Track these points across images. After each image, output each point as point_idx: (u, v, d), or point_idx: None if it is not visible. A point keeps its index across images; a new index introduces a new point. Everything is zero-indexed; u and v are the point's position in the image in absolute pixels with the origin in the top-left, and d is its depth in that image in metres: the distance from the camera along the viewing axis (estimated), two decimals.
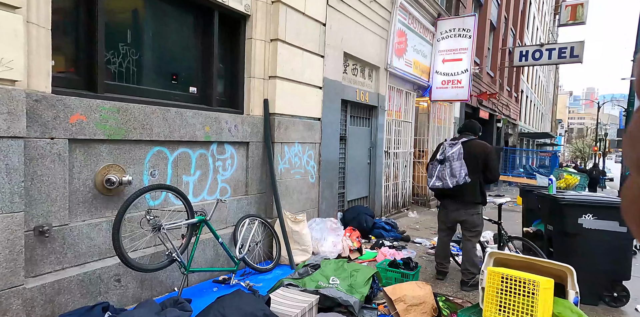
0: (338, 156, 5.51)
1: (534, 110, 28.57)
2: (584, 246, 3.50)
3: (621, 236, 3.42)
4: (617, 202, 3.52)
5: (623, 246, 3.45)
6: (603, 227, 3.44)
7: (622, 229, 3.41)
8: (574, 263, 3.56)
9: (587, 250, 3.49)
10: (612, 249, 3.44)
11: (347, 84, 5.68)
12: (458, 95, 7.93)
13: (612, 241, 3.43)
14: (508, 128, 18.31)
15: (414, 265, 3.67)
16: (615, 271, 3.47)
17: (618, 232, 3.42)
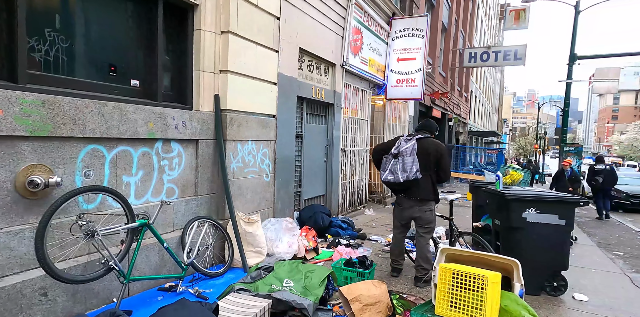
0: (294, 154, 5.40)
1: (482, 110, 30.18)
2: (527, 239, 3.67)
3: (560, 229, 3.62)
4: (557, 197, 3.73)
5: (561, 238, 3.66)
6: (544, 221, 3.62)
7: (560, 221, 3.62)
8: (519, 256, 3.71)
9: (531, 243, 3.66)
10: (552, 241, 3.64)
11: (302, 80, 5.58)
12: (412, 94, 8.11)
13: (552, 233, 3.63)
14: (459, 127, 19.17)
15: (369, 263, 3.66)
16: (555, 261, 3.67)
17: (557, 224, 3.62)
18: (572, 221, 3.66)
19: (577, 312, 3.35)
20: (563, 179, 8.75)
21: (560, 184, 8.65)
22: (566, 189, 8.12)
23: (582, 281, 4.16)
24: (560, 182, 8.73)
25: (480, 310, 2.31)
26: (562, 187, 8.43)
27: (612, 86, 14.47)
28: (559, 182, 8.81)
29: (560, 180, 8.81)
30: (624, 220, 9.50)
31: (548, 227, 3.63)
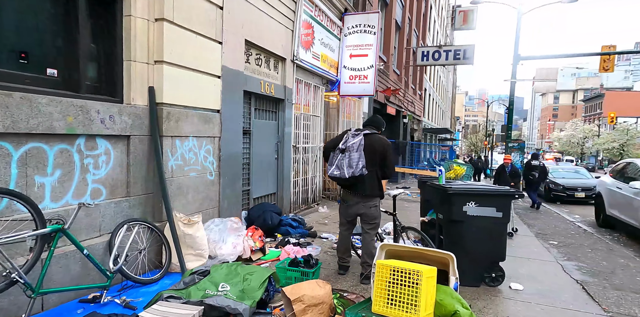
0: (241, 151, 5.19)
1: (436, 108, 31.32)
2: (468, 231, 3.75)
3: (497, 221, 3.74)
4: (495, 190, 3.84)
5: (499, 230, 3.78)
6: (483, 214, 3.72)
7: (498, 214, 3.73)
8: (460, 248, 3.80)
9: (471, 235, 3.75)
10: (490, 233, 3.75)
11: (250, 74, 5.37)
12: (365, 90, 8.14)
13: (491, 225, 3.74)
14: (413, 124, 19.70)
15: (314, 262, 3.57)
16: (493, 253, 3.78)
17: (495, 217, 3.73)
18: (508, 213, 3.79)
19: (513, 301, 3.46)
20: (504, 174, 9.22)
21: (502, 180, 9.08)
22: (508, 184, 8.48)
23: (519, 271, 4.34)
24: (502, 178, 9.16)
25: (414, 306, 2.29)
26: (504, 182, 8.83)
27: (551, 86, 15.56)
28: (501, 177, 9.26)
29: (502, 175, 9.27)
30: (560, 211, 10.20)
31: (487, 220, 3.73)
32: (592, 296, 3.67)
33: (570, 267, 4.62)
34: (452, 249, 3.85)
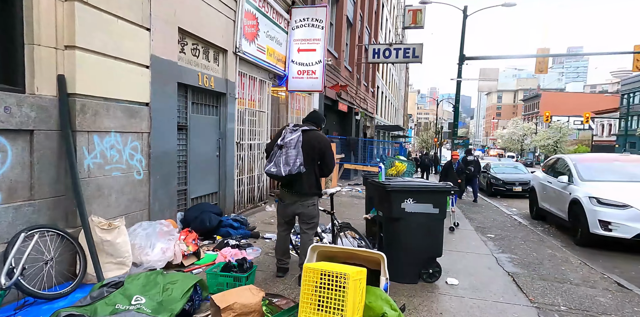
0: (176, 148, 4.83)
1: (389, 105, 32.06)
2: (406, 228, 3.73)
3: (433, 217, 3.75)
4: (432, 186, 3.85)
5: (436, 226, 3.80)
6: (420, 210, 3.72)
7: (434, 210, 3.74)
8: (399, 246, 3.78)
9: (409, 232, 3.73)
10: (428, 230, 3.76)
11: (185, 65, 5.00)
12: (313, 86, 8.00)
13: (427, 222, 3.74)
14: (366, 121, 19.96)
15: (248, 266, 3.36)
16: (430, 249, 3.80)
17: (431, 213, 3.74)
18: (445, 209, 3.82)
19: (448, 296, 3.49)
20: (452, 171, 9.23)
21: (450, 176, 8.99)
22: (455, 181, 8.58)
23: (457, 265, 4.42)
24: (450, 174, 9.10)
25: (341, 310, 2.17)
26: (451, 178, 8.74)
27: (493, 85, 16.36)
28: (448, 174, 9.20)
29: (450, 172, 9.28)
30: (500, 205, 10.77)
31: (424, 216, 3.73)
32: (520, 287, 3.81)
33: (504, 260, 4.79)
34: (391, 247, 3.86)
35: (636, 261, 5.27)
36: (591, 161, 7.29)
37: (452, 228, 6.40)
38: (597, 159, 7.77)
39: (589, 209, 5.79)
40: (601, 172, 6.62)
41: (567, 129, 46.57)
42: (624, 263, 5.16)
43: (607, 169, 6.78)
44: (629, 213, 5.39)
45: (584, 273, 4.39)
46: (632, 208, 5.40)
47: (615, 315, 3.28)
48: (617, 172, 6.60)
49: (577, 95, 67.05)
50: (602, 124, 45.51)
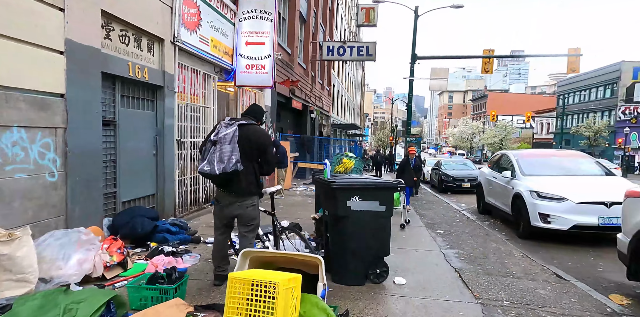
0: (101, 146, 4.32)
1: (345, 104, 32.28)
2: (352, 227, 3.55)
3: (380, 215, 3.61)
4: (378, 183, 3.71)
5: (383, 224, 3.66)
6: (366, 208, 3.55)
7: (381, 208, 3.60)
8: (345, 246, 3.59)
9: (356, 231, 3.56)
10: (374, 228, 3.60)
11: (112, 53, 4.49)
12: (263, 81, 7.67)
13: (374, 220, 3.59)
14: (322, 119, 19.85)
15: (178, 276, 3.00)
16: (378, 248, 3.65)
17: (378, 211, 3.59)
18: (391, 206, 3.69)
19: (394, 297, 3.36)
20: (409, 168, 8.55)
21: (407, 173, 8.39)
22: (412, 178, 8.22)
23: (406, 263, 4.33)
24: (407, 171, 8.43)
25: None
26: (408, 175, 8.27)
27: (443, 84, 16.88)
28: (405, 171, 8.49)
29: (406, 169, 8.53)
30: (450, 200, 11.06)
31: (371, 215, 3.57)
32: (466, 283, 3.77)
33: (451, 255, 4.79)
34: (337, 247, 3.66)
35: (572, 251, 5.51)
36: (532, 157, 7.61)
37: (403, 225, 6.38)
38: (537, 154, 8.16)
39: (530, 202, 5.99)
40: (541, 167, 6.91)
41: (511, 127, 49.64)
42: (561, 254, 5.36)
43: (546, 164, 7.09)
44: (565, 205, 5.63)
45: (526, 266, 4.47)
46: (567, 201, 5.64)
47: (554, 307, 3.31)
48: (555, 167, 6.92)
49: (520, 96, 71.84)
50: (541, 123, 49.02)
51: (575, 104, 39.92)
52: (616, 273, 4.38)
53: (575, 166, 7.02)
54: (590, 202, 5.52)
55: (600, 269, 4.73)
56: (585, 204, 5.53)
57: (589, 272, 4.55)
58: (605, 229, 5.43)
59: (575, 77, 40.08)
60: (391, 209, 3.68)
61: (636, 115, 31.95)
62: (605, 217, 5.41)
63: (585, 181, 6.26)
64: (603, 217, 5.42)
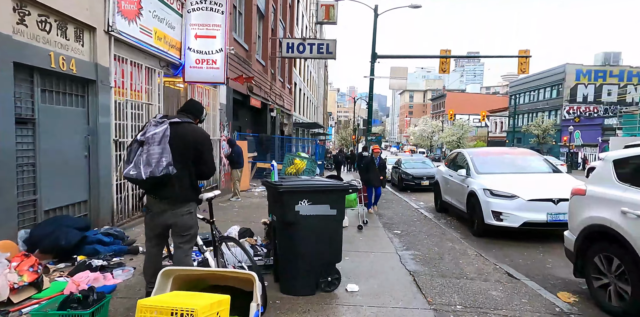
0: (15, 147, 3.77)
1: (308, 103, 32.04)
2: (302, 233, 3.30)
3: (331, 219, 3.38)
4: (329, 185, 3.48)
5: (334, 229, 3.44)
6: (316, 212, 3.31)
7: (332, 211, 3.37)
8: (295, 253, 3.33)
9: (305, 237, 3.31)
10: (325, 233, 3.37)
11: (28, 41, 3.93)
12: (214, 77, 7.23)
13: (324, 225, 3.36)
14: (283, 118, 19.48)
15: (96, 298, 2.60)
16: (329, 255, 3.43)
17: (328, 215, 3.36)
18: (343, 209, 3.48)
19: (345, 307, 3.15)
20: (373, 167, 7.89)
21: (372, 173, 7.83)
22: (378, 178, 7.85)
23: (360, 268, 4.15)
24: (371, 171, 7.84)
25: None
26: (373, 175, 7.80)
27: (403, 83, 17.07)
28: (370, 170, 7.87)
29: (371, 168, 7.87)
30: (409, 199, 11.13)
31: (321, 219, 3.33)
32: (420, 287, 3.64)
33: (407, 257, 4.67)
34: (286, 255, 3.39)
35: (523, 248, 5.60)
36: (485, 155, 7.75)
37: (361, 226, 6.23)
38: (490, 152, 8.34)
39: (484, 200, 6.04)
40: (494, 165, 7.03)
41: (468, 126, 51.74)
42: (513, 251, 5.43)
43: (499, 162, 7.23)
44: (516, 203, 5.72)
45: (479, 265, 4.44)
46: (518, 198, 5.73)
47: (506, 309, 3.24)
48: (507, 165, 7.06)
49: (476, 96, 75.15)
50: (495, 121, 51.46)
51: (526, 103, 42.21)
52: (563, 269, 4.45)
53: (525, 164, 7.20)
54: (539, 200, 5.63)
55: (549, 265, 4.80)
56: (534, 202, 5.64)
57: (539, 270, 4.60)
58: (553, 226, 5.56)
59: (525, 78, 42.42)
60: (343, 212, 3.46)
61: (579, 114, 34.29)
62: (553, 214, 5.54)
63: (535, 179, 6.43)
64: (551, 213, 5.55)
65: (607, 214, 3.26)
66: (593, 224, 3.42)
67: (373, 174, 7.89)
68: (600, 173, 3.66)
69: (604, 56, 38.79)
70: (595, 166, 14.26)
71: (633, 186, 3.18)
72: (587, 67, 36.25)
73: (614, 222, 3.17)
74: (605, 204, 3.35)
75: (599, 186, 3.55)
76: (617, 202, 3.22)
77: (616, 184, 3.35)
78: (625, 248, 3.07)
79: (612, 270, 3.26)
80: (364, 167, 8.09)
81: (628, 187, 3.22)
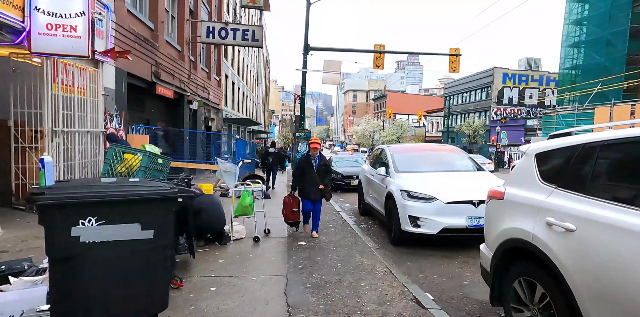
0: None
1: (244, 98, 30.30)
2: (89, 273, 2.06)
3: (144, 246, 2.18)
4: (137, 193, 2.26)
5: (151, 262, 2.24)
6: (114, 237, 2.10)
7: (144, 234, 2.18)
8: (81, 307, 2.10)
9: (96, 279, 2.07)
10: (134, 271, 2.17)
11: None
12: (74, 49, 5.62)
13: (132, 257, 2.15)
14: (209, 112, 17.79)
15: None
16: (144, 301, 2.23)
17: (139, 240, 2.16)
18: (167, 229, 2.29)
19: None
20: (310, 170, 5.48)
21: (309, 180, 5.46)
22: (317, 188, 5.42)
23: (221, 307, 2.99)
24: (308, 176, 5.47)
25: None
26: (311, 183, 5.45)
27: (336, 77, 16.26)
28: (306, 175, 5.49)
29: (307, 172, 5.49)
30: (335, 200, 10.23)
31: (124, 247, 2.12)
32: None
33: (297, 283, 3.62)
34: (64, 307, 2.14)
35: (441, 258, 4.84)
36: (408, 151, 7.01)
37: (257, 238, 5.10)
38: (413, 149, 7.61)
39: (400, 203, 5.21)
40: (415, 163, 6.29)
41: (407, 126, 53.13)
42: (430, 263, 4.63)
43: (421, 160, 6.51)
44: (435, 206, 4.95)
45: (384, 289, 3.51)
46: (437, 200, 4.96)
47: None
48: (430, 162, 6.35)
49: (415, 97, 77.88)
50: (432, 121, 53.39)
51: (459, 105, 44.10)
52: (482, 287, 3.68)
53: (449, 161, 6.55)
54: (459, 202, 4.91)
55: (467, 281, 4.03)
56: (453, 204, 4.90)
57: (455, 290, 3.78)
58: (473, 231, 4.85)
59: (458, 81, 44.34)
60: (166, 233, 2.28)
61: (505, 116, 36.38)
62: (473, 218, 4.84)
63: (456, 178, 5.74)
64: (471, 217, 4.85)
65: (529, 226, 2.44)
66: (512, 239, 2.60)
67: (310, 181, 5.40)
68: (520, 171, 2.86)
69: (527, 61, 41.65)
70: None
71: (560, 188, 2.38)
72: (512, 71, 38.61)
73: (537, 236, 2.35)
74: (526, 211, 2.54)
75: (520, 188, 2.74)
76: (540, 209, 2.41)
77: (540, 185, 2.55)
78: (551, 272, 2.26)
79: (534, 300, 2.44)
80: (298, 171, 5.64)
81: (554, 189, 2.42)
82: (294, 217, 5.62)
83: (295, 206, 5.57)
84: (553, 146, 2.59)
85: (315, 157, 5.61)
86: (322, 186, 5.49)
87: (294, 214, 5.59)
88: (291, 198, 5.62)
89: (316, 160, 5.60)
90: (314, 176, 5.50)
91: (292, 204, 5.57)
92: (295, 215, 5.60)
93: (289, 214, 5.60)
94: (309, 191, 5.47)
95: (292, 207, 5.56)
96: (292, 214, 5.59)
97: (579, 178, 2.28)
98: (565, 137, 2.57)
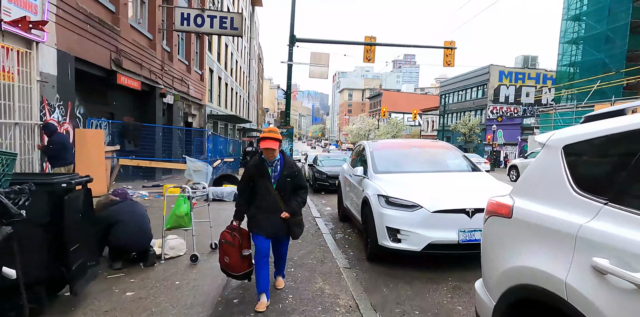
0: None
1: (233, 95, 29.20)
2: None
3: None
4: None
5: None
6: None
7: None
8: None
9: None
10: None
11: None
12: None
13: None
14: (190, 108, 16.71)
15: None
16: None
17: None
18: None
19: None
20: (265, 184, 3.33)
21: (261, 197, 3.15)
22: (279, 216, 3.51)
23: None
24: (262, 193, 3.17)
25: None
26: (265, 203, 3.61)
27: (324, 71, 15.27)
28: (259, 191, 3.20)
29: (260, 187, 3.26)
30: (318, 203, 9.27)
31: None
32: None
33: None
34: None
35: (427, 281, 3.84)
36: (389, 148, 5.98)
37: (195, 257, 4.02)
38: (395, 145, 6.49)
39: (377, 211, 4.20)
40: (397, 162, 5.29)
41: (402, 124, 52.22)
42: (413, 291, 3.62)
43: (404, 158, 5.50)
44: (419, 216, 3.93)
45: None
46: (421, 209, 3.95)
47: None
48: (414, 161, 5.34)
49: (411, 95, 76.94)
50: (427, 120, 52.49)
51: (455, 103, 43.22)
52: None
53: (438, 160, 5.54)
54: (449, 211, 3.89)
55: None
56: (442, 213, 3.89)
57: None
58: (467, 248, 3.85)
59: (454, 79, 43.42)
60: None
61: (501, 114, 35.50)
62: (467, 231, 3.84)
63: (447, 180, 4.71)
64: (464, 230, 3.84)
65: (559, 269, 1.44)
66: (527, 286, 1.59)
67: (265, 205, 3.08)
68: (538, 174, 1.85)
69: (524, 59, 40.79)
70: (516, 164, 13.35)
71: (614, 203, 1.38)
72: (508, 68, 37.72)
73: (575, 289, 1.35)
74: (552, 242, 1.54)
75: (538, 201, 1.73)
76: (580, 241, 1.41)
77: (575, 199, 1.54)
78: None
79: None
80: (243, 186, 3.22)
81: (603, 206, 1.41)
82: (243, 265, 3.07)
83: (246, 245, 3.07)
84: (596, 133, 1.57)
85: (274, 163, 3.09)
86: (285, 213, 3.04)
87: (243, 261, 3.06)
88: (236, 233, 3.05)
89: (275, 167, 3.10)
90: (272, 197, 3.06)
91: (239, 245, 3.03)
92: (246, 262, 3.08)
93: (235, 262, 3.04)
94: (263, 223, 3.03)
95: (240, 250, 3.02)
96: (241, 261, 3.05)
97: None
98: (618, 118, 1.56)
